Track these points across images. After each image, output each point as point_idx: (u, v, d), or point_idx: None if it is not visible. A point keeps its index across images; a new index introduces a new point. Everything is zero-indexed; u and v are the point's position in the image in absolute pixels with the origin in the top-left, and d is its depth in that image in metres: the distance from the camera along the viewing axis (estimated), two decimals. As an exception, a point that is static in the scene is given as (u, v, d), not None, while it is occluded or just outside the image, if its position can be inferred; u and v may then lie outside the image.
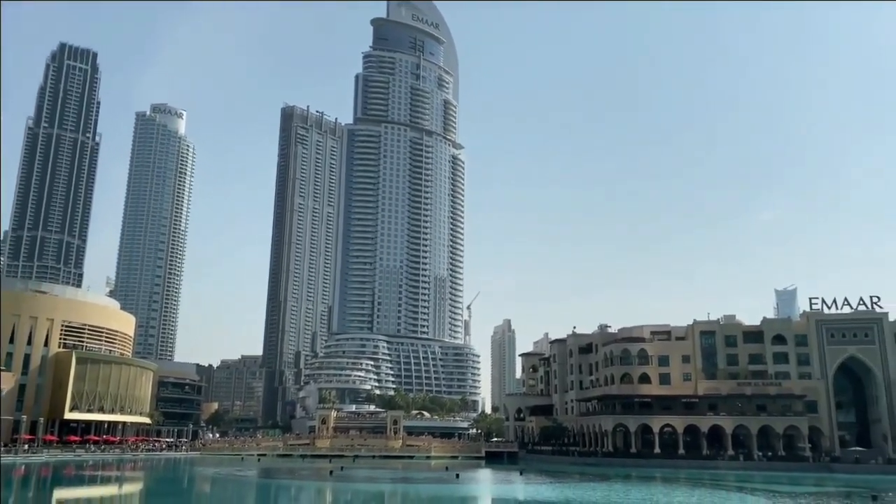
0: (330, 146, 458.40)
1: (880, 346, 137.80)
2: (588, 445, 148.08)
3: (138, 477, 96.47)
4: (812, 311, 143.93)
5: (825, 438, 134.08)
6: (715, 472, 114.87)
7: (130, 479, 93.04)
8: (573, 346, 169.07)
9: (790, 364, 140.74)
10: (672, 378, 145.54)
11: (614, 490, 78.30)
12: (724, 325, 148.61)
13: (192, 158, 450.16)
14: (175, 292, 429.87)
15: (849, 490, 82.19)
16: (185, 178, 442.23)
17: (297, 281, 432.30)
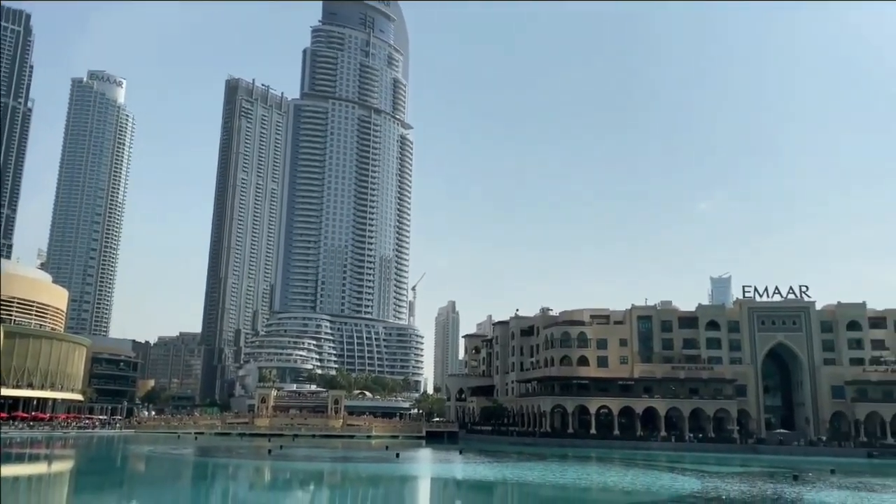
0: (275, 121, 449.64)
1: (806, 333, 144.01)
2: (527, 426, 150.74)
3: (68, 455, 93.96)
4: (744, 299, 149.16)
5: (752, 421, 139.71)
6: (648, 452, 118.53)
7: (60, 457, 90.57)
8: (515, 329, 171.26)
9: (722, 349, 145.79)
10: (610, 361, 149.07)
11: (551, 469, 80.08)
12: (661, 311, 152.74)
13: (131, 129, 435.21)
14: (111, 266, 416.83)
15: (772, 470, 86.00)
16: (124, 149, 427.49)
17: (238, 258, 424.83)
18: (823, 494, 58.24)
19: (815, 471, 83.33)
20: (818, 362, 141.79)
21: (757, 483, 68.71)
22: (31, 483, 61.66)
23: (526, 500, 55.78)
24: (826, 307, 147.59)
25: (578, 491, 59.63)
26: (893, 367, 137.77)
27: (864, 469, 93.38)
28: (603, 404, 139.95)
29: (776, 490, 61.86)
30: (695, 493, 57.69)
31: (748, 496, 57.58)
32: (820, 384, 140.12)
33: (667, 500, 53.42)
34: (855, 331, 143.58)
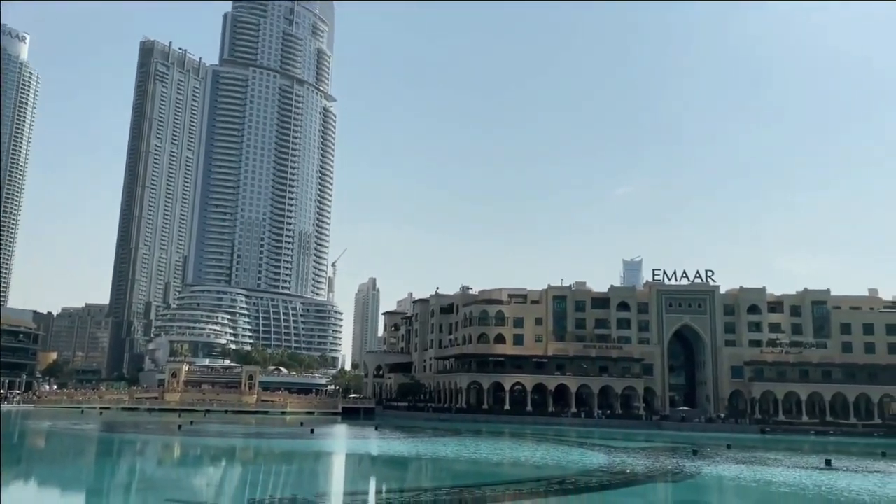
0: (192, 87, 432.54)
1: (710, 315, 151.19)
2: (443, 402, 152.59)
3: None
4: (654, 282, 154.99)
5: (658, 399, 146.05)
6: (559, 428, 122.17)
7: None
8: (435, 307, 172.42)
9: (632, 329, 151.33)
10: (525, 339, 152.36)
11: (465, 445, 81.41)
12: (575, 291, 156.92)
13: (35, 87, 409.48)
14: (10, 231, 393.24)
15: (674, 445, 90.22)
16: (27, 108, 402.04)
17: (150, 227, 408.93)
18: (721, 468, 61.51)
19: (713, 446, 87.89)
20: (720, 343, 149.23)
21: (660, 457, 71.94)
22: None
23: (439, 475, 56.49)
24: (729, 291, 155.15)
25: (491, 466, 60.85)
26: (787, 350, 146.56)
27: (758, 444, 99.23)
28: (517, 381, 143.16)
29: (678, 464, 64.91)
30: (602, 468, 59.83)
31: (652, 470, 60.20)
32: (721, 364, 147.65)
33: (575, 474, 55.19)
34: (754, 314, 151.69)
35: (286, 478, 52.95)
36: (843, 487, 48.97)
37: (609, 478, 53.36)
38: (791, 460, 71.93)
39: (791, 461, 70.69)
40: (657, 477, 56.58)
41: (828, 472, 59.49)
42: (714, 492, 50.36)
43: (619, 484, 50.44)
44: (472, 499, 41.78)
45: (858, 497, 44.98)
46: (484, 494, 43.82)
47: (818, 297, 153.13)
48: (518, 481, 50.76)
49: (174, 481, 47.95)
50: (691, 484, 52.57)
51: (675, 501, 46.03)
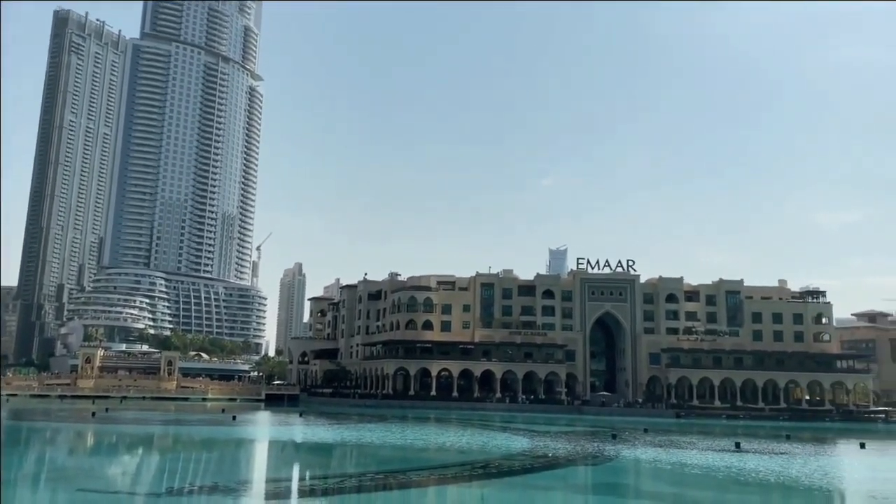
0: (111, 61, 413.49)
1: (631, 303, 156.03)
2: (370, 388, 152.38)
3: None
4: (578, 270, 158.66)
5: (579, 384, 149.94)
6: (483, 413, 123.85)
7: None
8: (363, 293, 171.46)
9: (556, 317, 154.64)
10: (453, 325, 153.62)
11: (390, 430, 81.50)
12: (503, 279, 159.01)
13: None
14: None
15: (595, 430, 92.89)
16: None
17: (63, 206, 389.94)
18: (638, 451, 63.68)
19: (631, 430, 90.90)
20: (639, 331, 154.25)
21: (581, 441, 73.93)
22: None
23: (364, 461, 56.35)
24: (649, 280, 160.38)
25: (416, 451, 61.13)
26: (702, 337, 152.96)
27: (673, 428, 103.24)
28: (444, 367, 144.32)
29: (597, 448, 66.85)
30: (525, 452, 60.99)
31: (573, 453, 61.79)
32: (640, 351, 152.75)
33: (499, 458, 56.07)
34: (672, 303, 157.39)
35: (207, 465, 51.74)
36: (751, 468, 51.50)
37: (531, 461, 54.44)
38: (704, 443, 75.12)
39: (704, 444, 73.83)
40: (578, 460, 58.11)
41: (737, 454, 62.44)
42: (632, 474, 52.08)
43: (541, 467, 51.53)
44: (398, 484, 41.87)
45: (765, 477, 47.39)
46: (409, 479, 43.96)
47: (732, 287, 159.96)
48: (443, 466, 51.19)
49: (87, 471, 46.10)
50: (610, 467, 54.22)
51: (595, 484, 47.36)
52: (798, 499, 40.22)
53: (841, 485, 47.54)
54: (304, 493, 39.48)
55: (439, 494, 39.76)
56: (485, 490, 40.05)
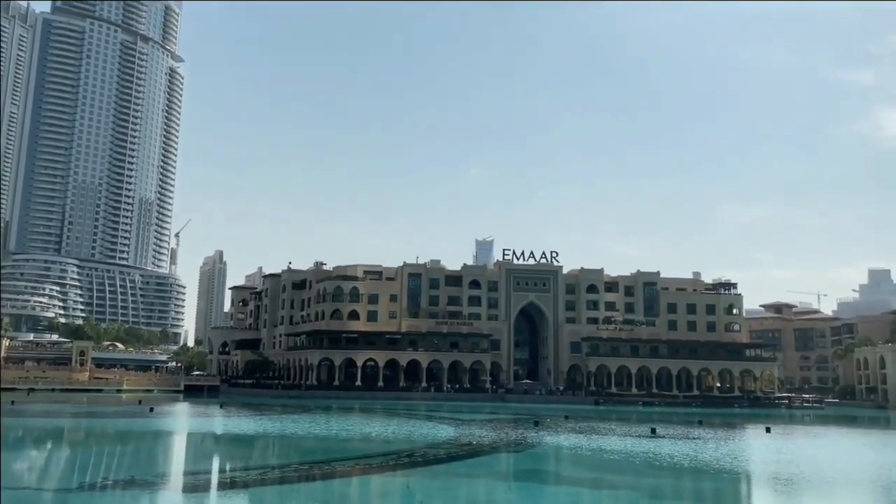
0: (18, 35, 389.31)
1: (554, 294, 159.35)
2: (293, 379, 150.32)
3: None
4: (504, 261, 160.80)
5: (503, 372, 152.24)
6: (409, 402, 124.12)
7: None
8: (287, 282, 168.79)
9: (482, 306, 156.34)
10: (380, 315, 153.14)
11: (315, 421, 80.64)
12: (430, 269, 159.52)
13: None
14: None
15: (517, 417, 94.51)
16: None
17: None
18: (560, 438, 65.21)
19: (552, 417, 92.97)
20: (561, 320, 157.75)
21: (504, 429, 75.11)
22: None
23: (287, 452, 55.58)
24: (571, 272, 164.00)
25: (340, 441, 60.69)
26: (620, 326, 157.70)
27: (592, 415, 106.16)
28: (370, 357, 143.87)
29: (520, 435, 68.07)
30: (450, 440, 61.49)
31: (496, 441, 62.72)
32: (561, 340, 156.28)
33: (424, 447, 56.32)
34: (593, 293, 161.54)
35: (122, 459, 49.91)
36: (666, 453, 53.51)
37: (456, 449, 54.92)
38: (621, 429, 77.60)
39: (621, 430, 76.27)
40: (501, 447, 59.03)
41: (653, 439, 64.76)
42: (553, 460, 53.29)
43: (466, 455, 52.06)
44: (322, 475, 41.47)
45: (679, 462, 49.34)
46: (334, 470, 43.63)
47: (649, 278, 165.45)
48: (368, 456, 51.01)
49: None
50: (532, 453, 55.33)
51: (518, 470, 48.21)
52: (709, 482, 42.04)
53: (749, 468, 50.01)
54: (224, 485, 38.61)
55: (364, 484, 39.63)
56: (410, 479, 40.15)
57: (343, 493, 36.56)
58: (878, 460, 54.86)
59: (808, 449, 63.15)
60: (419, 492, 35.50)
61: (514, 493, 38.87)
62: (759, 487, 42.23)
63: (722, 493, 39.92)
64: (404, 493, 35.50)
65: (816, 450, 62.78)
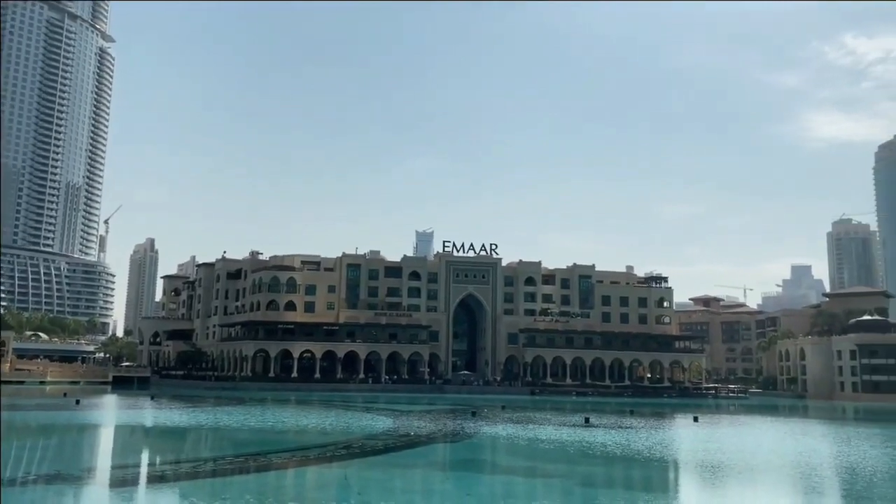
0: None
1: (492, 286, 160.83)
2: (227, 371, 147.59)
3: None
4: (444, 253, 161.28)
5: (442, 364, 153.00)
6: (346, 394, 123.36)
7: None
8: (222, 271, 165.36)
9: (422, 298, 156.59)
10: (317, 306, 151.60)
11: (249, 413, 79.25)
12: (370, 260, 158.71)
13: None
14: None
15: (455, 407, 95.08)
16: None
17: None
18: (497, 428, 65.90)
19: (489, 407, 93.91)
20: (499, 312, 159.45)
21: (442, 419, 75.46)
22: None
23: (221, 444, 54.42)
24: (509, 264, 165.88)
25: (276, 433, 59.81)
26: (557, 318, 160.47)
27: (528, 405, 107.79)
28: (306, 348, 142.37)
29: (458, 425, 68.51)
30: (387, 431, 61.38)
31: (434, 431, 62.93)
32: (499, 331, 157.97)
33: (361, 438, 56.04)
34: (530, 286, 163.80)
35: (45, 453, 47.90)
36: (599, 442, 54.72)
37: (394, 440, 54.86)
38: (556, 419, 78.96)
39: (556, 420, 77.61)
40: (439, 438, 59.23)
41: (587, 428, 66.14)
42: (489, 450, 53.78)
43: (404, 446, 52.06)
44: (257, 467, 40.77)
45: (612, 450, 50.53)
46: (269, 462, 42.95)
47: (584, 271, 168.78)
48: (304, 447, 50.43)
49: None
50: (469, 443, 55.74)
51: (455, 460, 48.47)
52: (639, 469, 43.18)
53: (678, 456, 51.60)
54: (153, 479, 37.52)
55: (300, 476, 39.16)
56: (347, 470, 39.88)
57: (279, 485, 36.01)
58: (797, 448, 57.41)
59: (733, 437, 65.58)
60: (356, 483, 35.30)
61: (450, 482, 39.06)
62: (687, 474, 43.65)
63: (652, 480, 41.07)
64: (341, 485, 35.23)
65: (741, 438, 65.27)
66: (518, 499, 33.42)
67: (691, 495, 37.23)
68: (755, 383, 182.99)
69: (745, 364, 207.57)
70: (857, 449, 55.99)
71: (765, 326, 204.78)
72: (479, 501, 32.21)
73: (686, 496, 37.04)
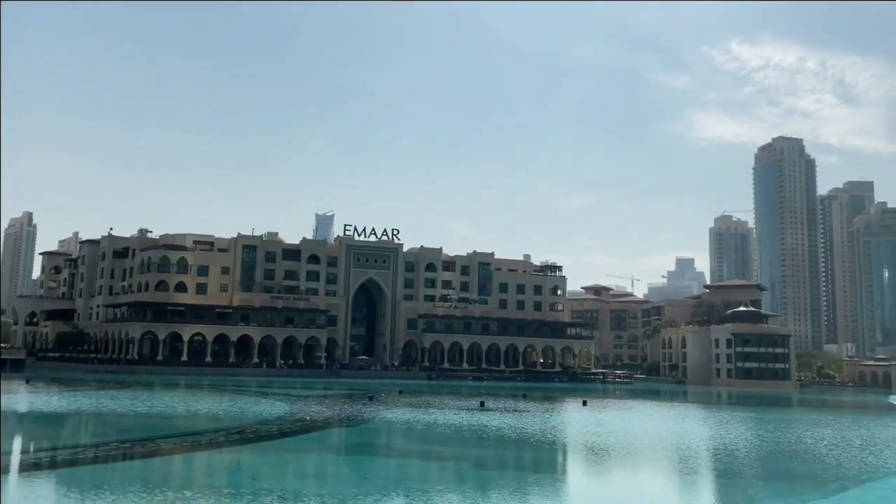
0: None
1: (393, 271, 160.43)
2: (112, 353, 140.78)
3: None
4: (345, 237, 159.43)
5: (339, 348, 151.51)
6: (239, 379, 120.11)
7: None
8: (107, 249, 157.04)
9: (320, 282, 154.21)
10: (210, 288, 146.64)
11: (135, 397, 75.83)
12: (267, 241, 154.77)
13: None
14: None
15: (352, 392, 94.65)
16: None
17: None
18: (393, 412, 66.02)
19: (387, 392, 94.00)
20: (399, 297, 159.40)
21: (338, 404, 74.92)
22: None
23: (104, 430, 51.81)
24: (411, 250, 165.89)
25: (164, 419, 57.51)
26: (455, 304, 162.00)
27: (425, 389, 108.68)
28: (197, 331, 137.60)
29: (354, 410, 68.18)
30: (282, 416, 60.29)
31: (329, 416, 62.38)
32: (399, 316, 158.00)
33: (255, 424, 54.83)
34: (431, 272, 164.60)
35: None
36: (493, 425, 55.92)
37: (289, 426, 53.99)
38: (453, 403, 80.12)
39: (453, 404, 78.73)
40: (334, 423, 58.81)
41: (482, 412, 67.42)
42: (385, 434, 53.90)
43: (299, 431, 51.33)
44: (143, 453, 39.05)
45: (505, 433, 51.77)
46: (157, 448, 41.23)
47: (483, 259, 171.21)
48: (195, 433, 48.73)
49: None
50: (365, 428, 55.62)
51: (350, 444, 48.26)
52: (531, 451, 44.47)
53: (567, 438, 53.51)
54: (27, 467, 35.19)
55: (189, 462, 37.83)
56: (240, 455, 38.89)
57: (167, 471, 34.61)
58: (677, 430, 60.81)
59: (620, 420, 68.65)
60: (249, 468, 34.49)
61: (345, 466, 38.87)
62: (577, 456, 45.31)
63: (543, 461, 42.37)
64: (234, 470, 34.32)
65: (627, 421, 68.42)
66: (414, 481, 33.65)
67: (581, 476, 38.70)
68: (640, 369, 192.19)
69: (631, 351, 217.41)
70: (731, 431, 59.95)
71: (650, 315, 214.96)
72: (375, 485, 32.19)
73: (576, 477, 38.46)
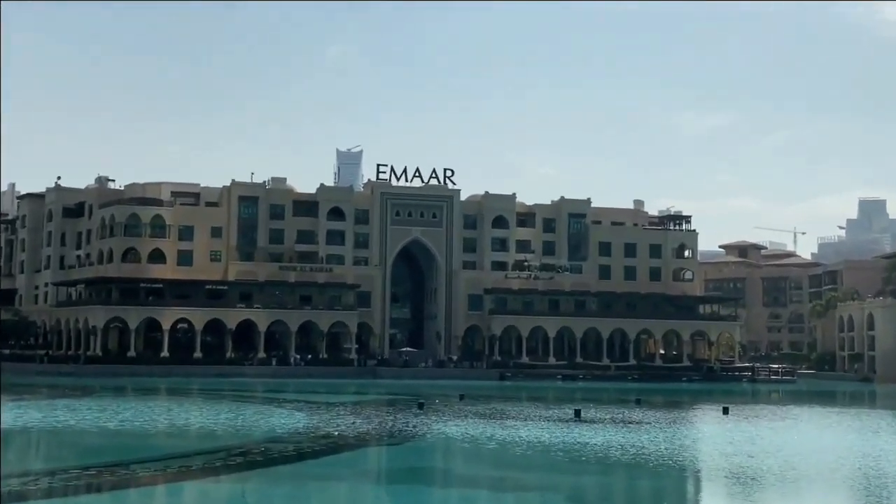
0: None
1: (447, 229, 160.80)
2: (68, 348, 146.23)
3: None
4: (378, 182, 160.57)
5: (375, 338, 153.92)
6: (241, 379, 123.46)
7: None
8: (55, 206, 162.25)
9: (346, 245, 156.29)
10: (196, 257, 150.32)
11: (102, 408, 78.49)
12: (272, 191, 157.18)
13: None
14: None
15: (394, 398, 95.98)
16: None
17: None
18: (451, 426, 66.65)
19: (442, 397, 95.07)
20: (457, 266, 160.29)
21: (376, 414, 76.39)
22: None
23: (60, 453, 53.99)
24: (471, 198, 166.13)
25: (141, 437, 59.53)
26: (537, 274, 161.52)
27: (496, 393, 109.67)
28: (182, 317, 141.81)
29: (399, 422, 69.26)
30: (300, 431, 61.70)
31: (366, 431, 63.51)
32: (457, 292, 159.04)
33: (264, 442, 56.22)
34: (500, 228, 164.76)
35: None
36: (595, 443, 55.93)
37: (309, 444, 55.16)
38: (535, 412, 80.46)
39: (535, 413, 79.08)
40: (372, 440, 59.87)
41: (578, 425, 67.55)
42: (442, 455, 54.59)
43: (322, 451, 52.41)
44: (113, 483, 40.53)
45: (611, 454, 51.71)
46: (132, 475, 42.68)
47: (576, 208, 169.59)
48: (183, 455, 50.29)
49: None
50: (414, 447, 56.44)
51: (394, 469, 49.12)
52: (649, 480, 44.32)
53: (702, 462, 53.14)
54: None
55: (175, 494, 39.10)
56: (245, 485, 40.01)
57: (146, 507, 35.98)
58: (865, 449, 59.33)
59: (778, 436, 67.70)
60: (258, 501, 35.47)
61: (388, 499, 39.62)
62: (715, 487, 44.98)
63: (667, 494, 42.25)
64: None
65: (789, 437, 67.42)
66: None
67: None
68: (807, 361, 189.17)
69: (793, 336, 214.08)
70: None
71: (821, 284, 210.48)
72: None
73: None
